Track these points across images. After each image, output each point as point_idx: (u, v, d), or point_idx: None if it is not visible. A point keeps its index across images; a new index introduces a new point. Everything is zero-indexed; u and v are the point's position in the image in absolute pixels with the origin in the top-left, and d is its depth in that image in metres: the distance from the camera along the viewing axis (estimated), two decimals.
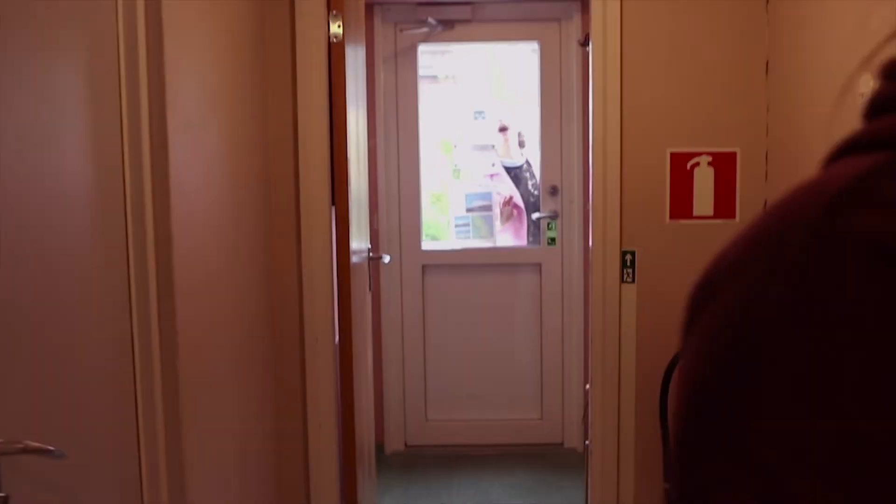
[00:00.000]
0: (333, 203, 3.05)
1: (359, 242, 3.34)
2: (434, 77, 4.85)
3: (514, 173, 5.10)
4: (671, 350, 2.92)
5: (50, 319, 1.48)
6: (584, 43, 3.96)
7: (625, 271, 3.01)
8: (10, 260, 1.32)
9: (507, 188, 5.10)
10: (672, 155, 2.97)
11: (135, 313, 1.79)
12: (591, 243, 3.13)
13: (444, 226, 5.31)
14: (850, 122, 1.38)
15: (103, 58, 1.71)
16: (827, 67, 2.39)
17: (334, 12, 2.95)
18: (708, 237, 2.95)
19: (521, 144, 5.09)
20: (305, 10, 2.96)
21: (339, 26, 2.94)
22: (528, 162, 5.06)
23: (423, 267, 4.85)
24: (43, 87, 1.48)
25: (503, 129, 5.08)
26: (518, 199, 5.08)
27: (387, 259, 4.33)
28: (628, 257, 3.00)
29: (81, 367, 1.59)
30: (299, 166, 2.98)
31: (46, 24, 1.50)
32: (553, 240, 4.81)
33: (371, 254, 3.84)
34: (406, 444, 4.93)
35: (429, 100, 4.88)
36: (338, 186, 3.04)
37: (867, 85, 1.64)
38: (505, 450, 4.85)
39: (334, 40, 2.95)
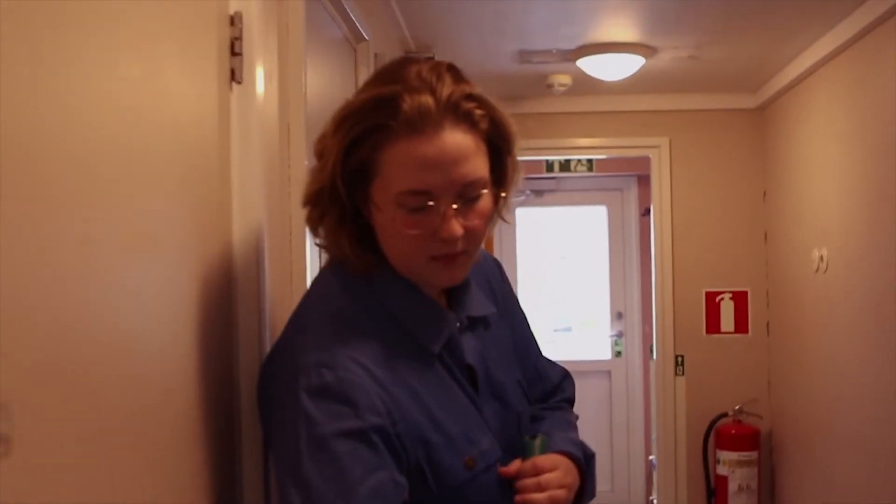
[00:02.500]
0: None
1: None
2: (526, 231, 6.49)
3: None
4: (708, 418, 4.48)
5: None
6: (644, 214, 5.63)
7: (677, 368, 4.59)
8: None
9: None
10: (706, 293, 4.59)
11: None
12: (653, 351, 4.72)
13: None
14: (813, 275, 3.88)
15: None
16: (796, 240, 4.00)
17: None
18: (730, 345, 4.56)
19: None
20: None
21: None
22: None
23: None
24: None
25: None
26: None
27: None
28: (679, 358, 4.59)
29: None
30: None
31: None
32: (619, 353, 6.38)
33: None
34: None
35: (523, 247, 6.52)
36: None
37: (817, 254, 3.86)
38: None
39: None
